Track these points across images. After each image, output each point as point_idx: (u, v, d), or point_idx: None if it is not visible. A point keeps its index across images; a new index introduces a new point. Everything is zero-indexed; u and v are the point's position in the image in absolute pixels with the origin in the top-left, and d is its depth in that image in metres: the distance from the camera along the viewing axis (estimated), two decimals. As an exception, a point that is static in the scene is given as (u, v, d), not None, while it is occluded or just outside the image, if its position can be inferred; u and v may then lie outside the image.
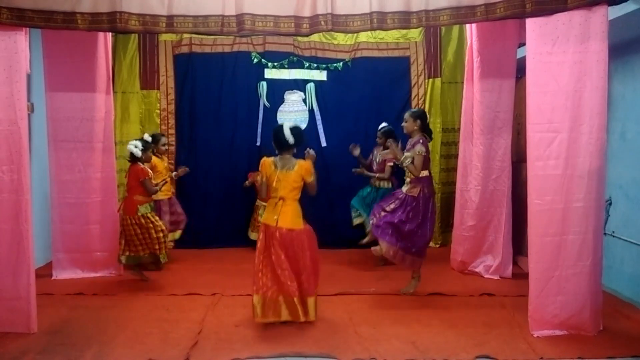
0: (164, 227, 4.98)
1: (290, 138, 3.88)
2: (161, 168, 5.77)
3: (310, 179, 3.94)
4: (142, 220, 4.82)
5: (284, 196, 3.88)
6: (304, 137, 4.05)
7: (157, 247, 4.85)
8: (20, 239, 3.74)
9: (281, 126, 3.98)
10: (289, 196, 3.89)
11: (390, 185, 5.72)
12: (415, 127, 4.59)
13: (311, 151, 4.20)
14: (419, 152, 4.45)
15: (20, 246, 3.74)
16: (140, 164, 4.91)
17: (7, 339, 3.64)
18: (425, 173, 4.53)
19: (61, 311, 4.19)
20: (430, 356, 3.40)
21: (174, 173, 6.01)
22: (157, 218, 5.02)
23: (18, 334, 3.71)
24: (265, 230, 3.91)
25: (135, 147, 4.85)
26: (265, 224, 3.93)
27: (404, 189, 4.60)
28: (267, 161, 4.00)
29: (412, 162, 4.46)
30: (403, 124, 4.70)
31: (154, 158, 5.71)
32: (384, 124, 5.86)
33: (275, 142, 3.98)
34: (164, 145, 5.90)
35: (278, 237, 3.84)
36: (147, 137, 5.73)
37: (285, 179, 3.89)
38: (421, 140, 4.51)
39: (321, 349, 3.50)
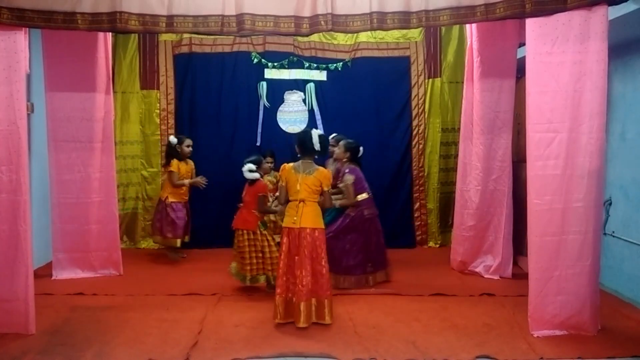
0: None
1: (317, 145, 4.05)
2: (184, 171, 5.80)
3: (327, 187, 4.05)
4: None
5: (304, 198, 3.97)
6: (328, 148, 4.38)
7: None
8: (19, 240, 3.72)
9: (309, 132, 4.11)
10: (309, 198, 3.98)
11: None
12: (345, 158, 4.96)
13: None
14: (346, 181, 4.77)
15: (18, 247, 3.72)
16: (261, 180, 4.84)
17: (7, 339, 3.63)
18: (363, 196, 4.85)
19: (61, 311, 4.18)
20: (430, 356, 3.40)
21: (188, 180, 5.86)
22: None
23: (18, 334, 3.70)
24: (289, 234, 3.98)
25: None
26: (288, 228, 3.99)
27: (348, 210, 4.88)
28: (287, 167, 4.12)
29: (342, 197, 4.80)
30: (334, 149, 5.02)
31: (176, 161, 5.73)
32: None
33: (301, 146, 4.12)
34: (188, 146, 5.84)
35: (302, 237, 3.92)
36: (173, 139, 5.79)
37: (305, 182, 3.99)
38: (347, 170, 4.85)
39: (321, 349, 3.50)
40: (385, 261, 5.05)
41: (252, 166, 4.73)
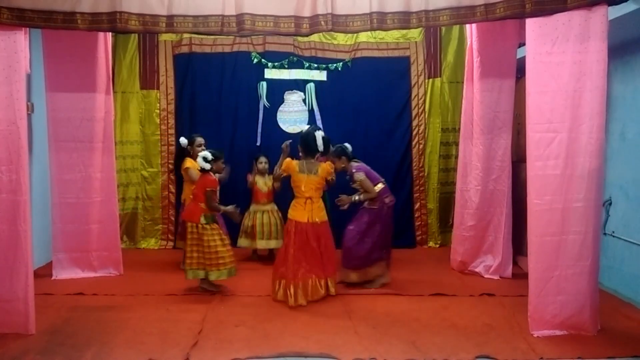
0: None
1: (321, 147, 4.44)
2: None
3: (331, 177, 4.60)
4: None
5: (311, 196, 4.41)
6: (330, 148, 4.68)
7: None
8: (18, 240, 3.72)
9: (312, 133, 4.44)
10: (315, 195, 4.44)
11: None
12: (343, 165, 4.83)
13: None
14: (359, 179, 4.73)
15: (18, 247, 3.72)
16: (210, 174, 4.59)
17: (7, 339, 3.63)
18: (380, 187, 4.81)
19: (61, 311, 4.18)
20: (430, 356, 3.40)
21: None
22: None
23: (18, 334, 3.70)
24: (297, 227, 4.39)
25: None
26: (297, 221, 4.39)
27: (365, 204, 4.79)
28: (292, 163, 4.45)
29: (361, 192, 4.75)
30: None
31: (189, 159, 5.34)
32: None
33: (304, 146, 4.46)
34: (199, 146, 5.44)
35: (312, 230, 4.37)
36: (183, 140, 5.46)
37: (312, 182, 4.41)
38: (354, 169, 4.79)
39: (321, 349, 3.50)
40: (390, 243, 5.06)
41: (208, 155, 4.50)
